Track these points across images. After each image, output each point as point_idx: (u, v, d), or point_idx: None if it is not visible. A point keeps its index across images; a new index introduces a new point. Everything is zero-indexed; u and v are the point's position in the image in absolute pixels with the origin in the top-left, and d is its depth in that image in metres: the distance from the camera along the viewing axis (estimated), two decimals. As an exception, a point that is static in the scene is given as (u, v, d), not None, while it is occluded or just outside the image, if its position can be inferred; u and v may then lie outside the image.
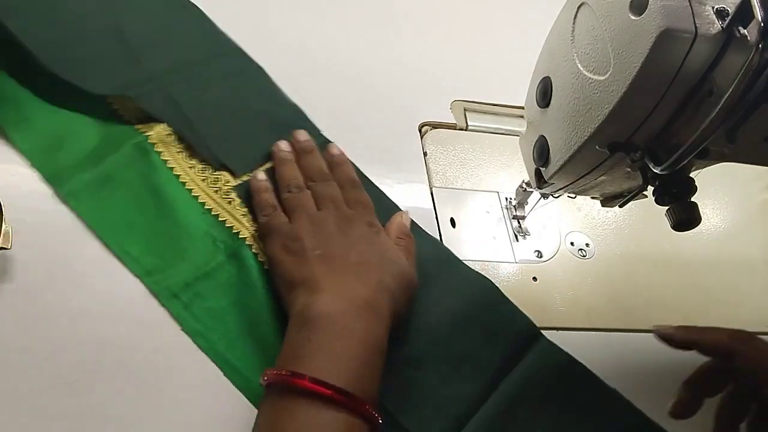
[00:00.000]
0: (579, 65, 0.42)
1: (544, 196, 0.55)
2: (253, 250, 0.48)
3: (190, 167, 0.51)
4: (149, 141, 0.50)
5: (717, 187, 0.70)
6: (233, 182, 0.51)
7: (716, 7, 0.35)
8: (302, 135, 0.54)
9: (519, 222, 0.59)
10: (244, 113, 0.55)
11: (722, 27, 0.35)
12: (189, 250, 0.47)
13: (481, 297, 0.51)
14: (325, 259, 0.45)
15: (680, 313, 0.58)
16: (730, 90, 0.33)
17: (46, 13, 0.54)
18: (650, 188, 0.43)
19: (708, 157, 0.40)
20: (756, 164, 0.42)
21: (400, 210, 0.54)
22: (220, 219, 0.49)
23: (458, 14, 0.74)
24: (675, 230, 0.41)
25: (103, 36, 0.55)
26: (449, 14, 0.73)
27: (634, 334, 0.55)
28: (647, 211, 0.63)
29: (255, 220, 0.50)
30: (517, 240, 0.58)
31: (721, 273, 0.63)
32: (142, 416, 0.41)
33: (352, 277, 0.44)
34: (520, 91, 0.51)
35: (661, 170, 0.38)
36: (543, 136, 0.47)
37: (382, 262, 0.46)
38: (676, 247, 0.63)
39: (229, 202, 0.50)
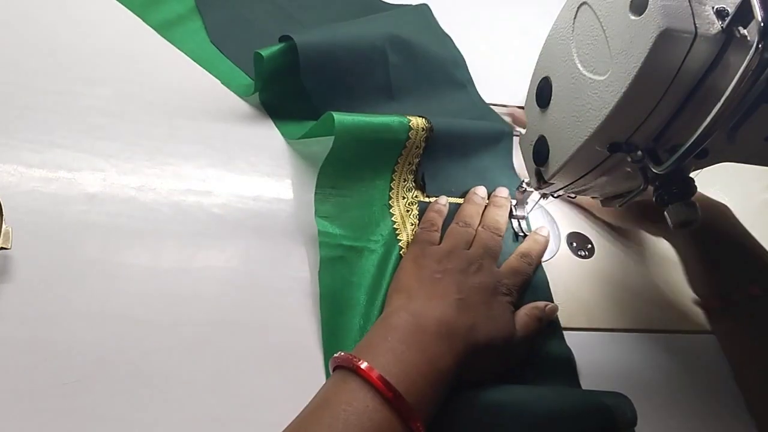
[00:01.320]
0: (579, 65, 0.42)
1: (544, 196, 0.55)
2: (401, 253, 0.52)
3: (407, 168, 0.57)
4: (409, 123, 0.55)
5: (717, 187, 0.69)
6: (420, 198, 0.57)
7: (716, 7, 0.35)
8: (503, 192, 0.58)
9: (519, 222, 0.59)
10: (466, 142, 0.59)
11: (722, 27, 0.35)
12: (360, 222, 0.53)
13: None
14: (435, 284, 0.47)
15: (680, 314, 0.58)
16: (730, 90, 0.33)
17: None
18: (650, 188, 0.43)
19: (708, 157, 0.40)
20: (756, 164, 0.42)
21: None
22: (392, 218, 0.54)
23: (458, 14, 0.74)
24: (675, 230, 0.41)
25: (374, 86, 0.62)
26: (449, 14, 0.73)
27: (634, 334, 0.56)
28: (647, 211, 0.63)
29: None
30: (517, 240, 0.58)
31: (721, 273, 0.62)
32: (142, 416, 0.41)
33: (448, 309, 0.45)
34: (520, 91, 0.51)
35: (661, 170, 0.38)
36: (543, 136, 0.47)
37: (484, 314, 0.46)
38: (676, 247, 0.63)
39: (408, 211, 0.55)
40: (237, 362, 0.45)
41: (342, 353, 0.41)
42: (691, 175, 0.42)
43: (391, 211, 0.55)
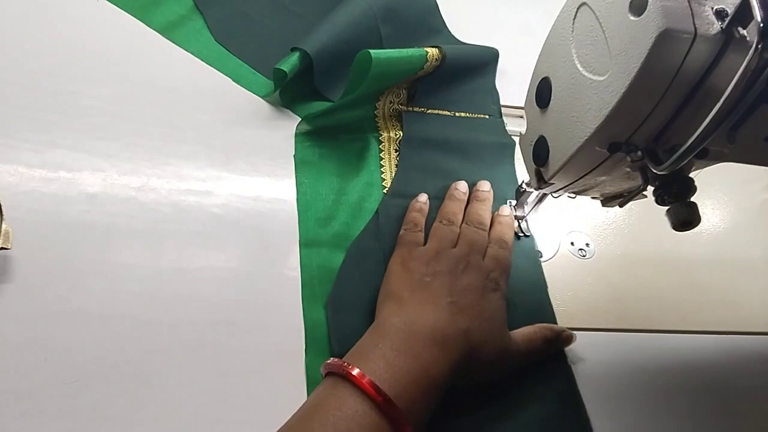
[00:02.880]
0: (579, 65, 0.42)
1: (544, 195, 0.55)
2: (381, 147, 0.59)
3: (403, 84, 0.62)
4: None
5: (717, 187, 0.70)
6: (405, 108, 0.62)
7: (716, 7, 0.35)
8: (485, 186, 0.57)
9: (519, 222, 0.59)
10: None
11: (722, 27, 0.35)
12: (342, 120, 0.59)
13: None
14: (426, 288, 0.46)
15: (680, 313, 0.58)
16: (730, 90, 0.33)
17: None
18: (650, 188, 0.43)
19: (708, 157, 0.40)
20: (756, 164, 0.42)
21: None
22: (376, 120, 0.61)
23: (459, 14, 0.74)
24: (675, 230, 0.41)
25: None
26: (450, 15, 0.73)
27: (634, 334, 0.56)
28: (647, 211, 0.63)
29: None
30: (518, 240, 0.58)
31: (721, 273, 0.62)
32: (142, 416, 0.41)
33: (441, 314, 0.45)
34: (520, 91, 0.51)
35: (661, 170, 0.38)
36: (543, 136, 0.47)
37: (478, 316, 0.46)
38: (676, 247, 0.63)
39: (391, 116, 0.62)
40: (236, 362, 0.45)
41: (333, 360, 0.41)
42: (691, 175, 0.42)
43: (375, 113, 0.61)
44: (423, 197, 0.56)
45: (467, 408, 0.46)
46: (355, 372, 0.39)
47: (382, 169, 0.58)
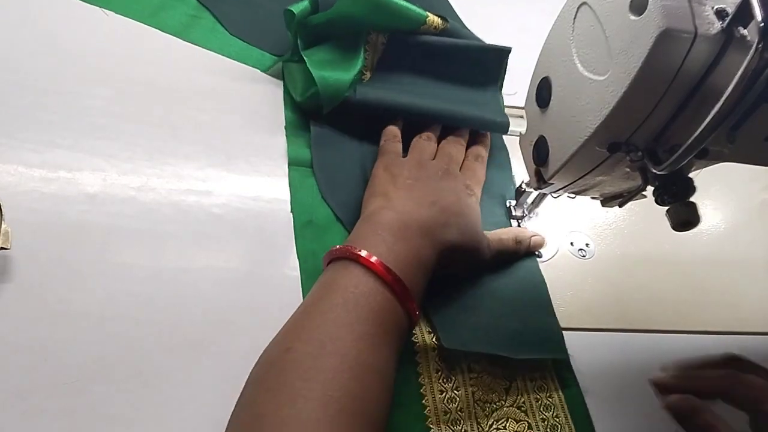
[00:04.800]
0: (579, 65, 0.42)
1: (544, 196, 0.55)
2: (363, 70, 0.61)
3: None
4: None
5: (717, 187, 0.70)
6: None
7: (716, 7, 0.35)
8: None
9: (519, 222, 0.59)
10: None
11: (722, 27, 0.35)
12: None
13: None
14: (410, 189, 0.51)
15: (680, 314, 0.58)
16: (730, 90, 0.33)
17: None
18: (650, 188, 0.43)
19: (708, 157, 0.40)
20: (756, 164, 0.42)
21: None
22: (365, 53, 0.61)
23: (458, 14, 0.74)
24: (675, 230, 0.41)
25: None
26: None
27: (634, 334, 0.56)
28: (647, 211, 0.63)
29: None
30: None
31: (721, 273, 0.63)
32: (142, 416, 0.41)
33: (425, 210, 0.49)
34: (520, 91, 0.51)
35: (661, 170, 0.38)
36: (543, 136, 0.47)
37: (456, 213, 0.50)
38: (676, 247, 0.63)
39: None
40: (237, 362, 0.45)
41: (338, 246, 0.44)
42: (691, 175, 0.42)
43: (366, 47, 0.61)
44: (399, 124, 0.59)
45: (449, 294, 0.52)
46: (364, 254, 0.42)
47: (365, 64, 0.61)
